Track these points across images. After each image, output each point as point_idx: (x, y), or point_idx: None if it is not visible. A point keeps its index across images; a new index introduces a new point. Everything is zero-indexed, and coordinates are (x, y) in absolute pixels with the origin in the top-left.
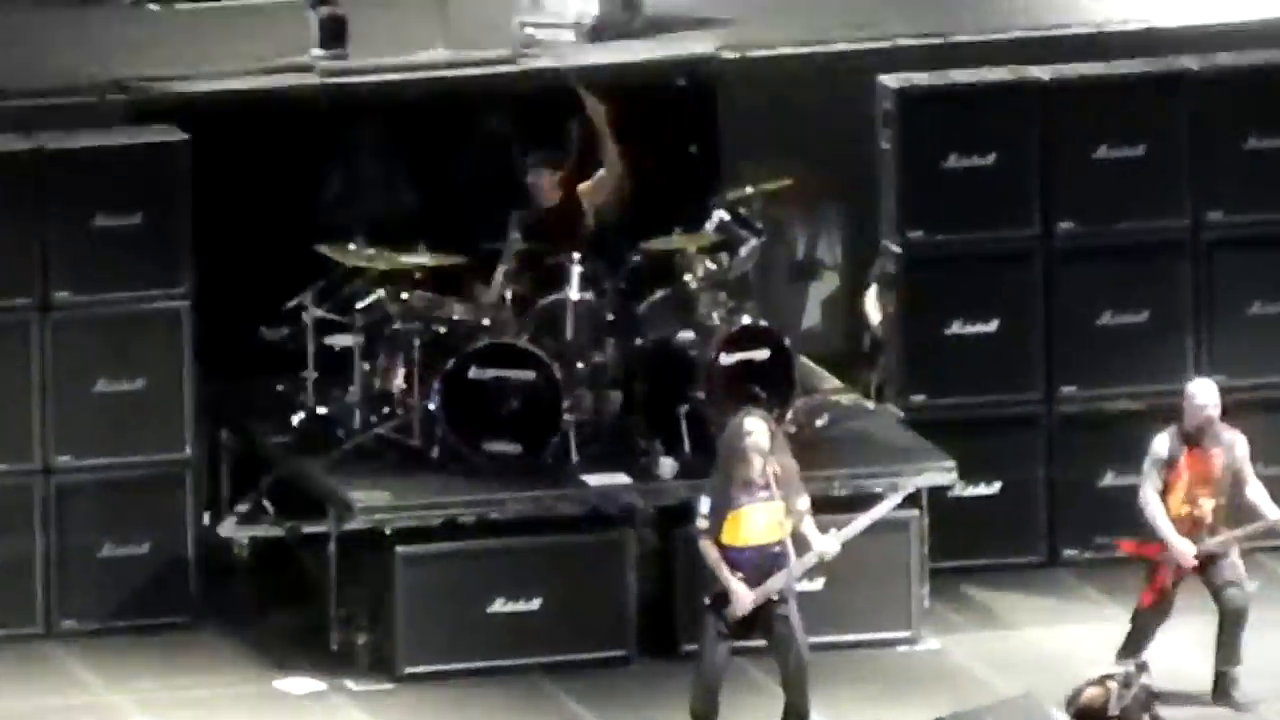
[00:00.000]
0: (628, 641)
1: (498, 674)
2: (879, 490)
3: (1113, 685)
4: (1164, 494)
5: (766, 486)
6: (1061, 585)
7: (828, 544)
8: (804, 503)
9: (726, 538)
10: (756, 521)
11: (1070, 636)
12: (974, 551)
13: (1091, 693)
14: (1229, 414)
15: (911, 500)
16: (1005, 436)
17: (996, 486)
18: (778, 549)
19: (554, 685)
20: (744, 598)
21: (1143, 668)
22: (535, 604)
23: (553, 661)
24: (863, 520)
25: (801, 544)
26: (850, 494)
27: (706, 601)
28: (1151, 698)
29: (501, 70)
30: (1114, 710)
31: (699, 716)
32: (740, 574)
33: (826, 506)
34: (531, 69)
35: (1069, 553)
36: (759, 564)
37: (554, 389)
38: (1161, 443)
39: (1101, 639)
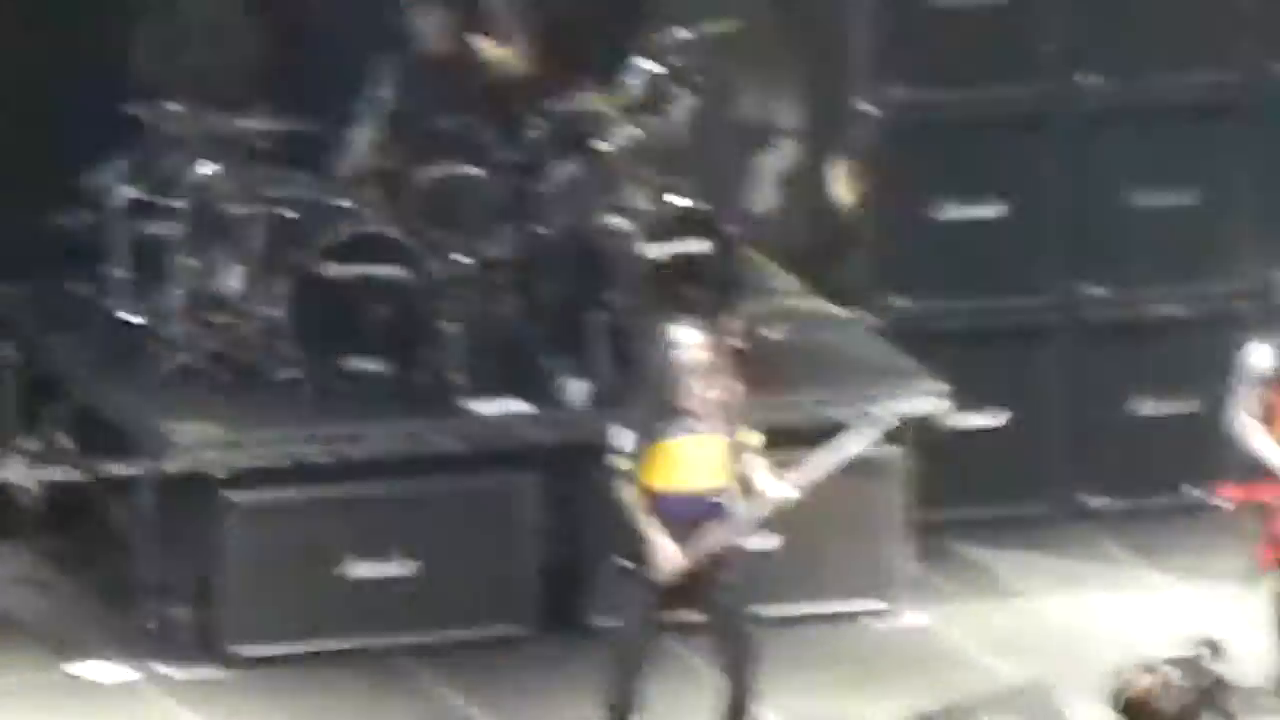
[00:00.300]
0: (525, 615)
1: (357, 657)
2: (849, 421)
3: (1171, 673)
4: (1267, 423)
5: (705, 415)
6: (1083, 543)
7: (784, 490)
8: (753, 437)
9: (654, 480)
10: (692, 459)
11: (1093, 608)
12: (972, 500)
13: (1145, 682)
14: None
15: (893, 434)
16: (1013, 352)
17: (1001, 417)
18: (719, 496)
19: (429, 671)
20: (673, 557)
21: (1216, 650)
22: (406, 567)
23: (428, 641)
24: (828, 459)
25: (750, 489)
26: (813, 426)
27: (627, 563)
28: (1221, 689)
29: None
30: (1170, 706)
31: (616, 710)
32: (670, 527)
33: (783, 442)
34: None
35: (1094, 502)
36: (695, 514)
37: (433, 291)
38: (1261, 354)
39: (1133, 611)
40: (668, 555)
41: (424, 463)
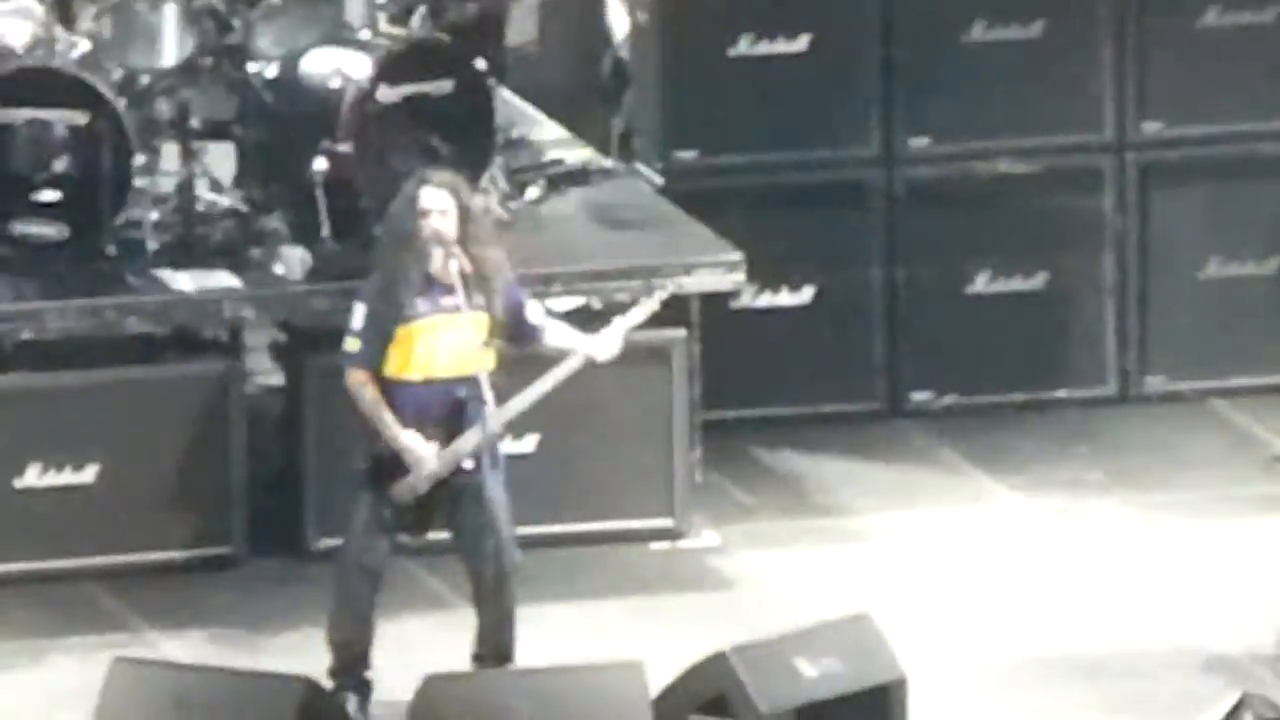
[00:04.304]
0: (233, 533)
1: (29, 582)
2: (623, 298)
3: None
4: None
5: (452, 290)
6: (910, 447)
7: (603, 344)
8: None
9: (394, 368)
10: (441, 343)
11: (923, 526)
12: (772, 395)
13: None
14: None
15: (674, 311)
16: (821, 215)
17: (808, 293)
18: (474, 386)
19: (115, 600)
20: (427, 460)
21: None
22: (89, 475)
23: (115, 563)
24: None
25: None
26: (581, 305)
27: (362, 467)
28: None
29: None
30: None
31: (342, 647)
32: (416, 426)
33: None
34: None
35: (919, 396)
36: (444, 412)
37: (120, 141)
38: None
39: (971, 531)
40: (420, 458)
41: (109, 348)
